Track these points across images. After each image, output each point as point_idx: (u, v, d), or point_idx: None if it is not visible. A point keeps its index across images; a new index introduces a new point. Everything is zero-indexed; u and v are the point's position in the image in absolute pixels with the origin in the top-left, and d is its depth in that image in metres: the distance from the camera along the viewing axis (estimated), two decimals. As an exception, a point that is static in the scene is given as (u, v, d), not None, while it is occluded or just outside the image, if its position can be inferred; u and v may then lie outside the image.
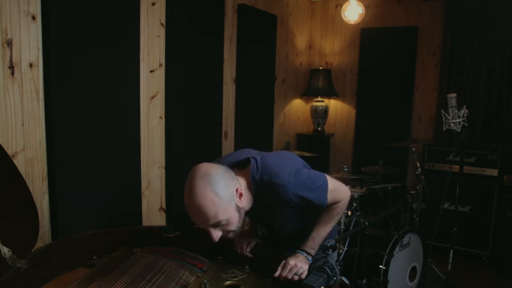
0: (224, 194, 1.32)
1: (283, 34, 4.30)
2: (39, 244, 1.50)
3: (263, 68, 3.93)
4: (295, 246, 1.53)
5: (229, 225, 1.36)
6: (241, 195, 1.38)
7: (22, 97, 1.91)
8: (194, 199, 1.30)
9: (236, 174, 1.43)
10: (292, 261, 1.37)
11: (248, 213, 1.49)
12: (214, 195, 1.30)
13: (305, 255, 1.43)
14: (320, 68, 4.70)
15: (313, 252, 1.46)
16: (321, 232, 1.51)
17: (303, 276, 1.35)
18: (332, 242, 1.34)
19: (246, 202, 1.43)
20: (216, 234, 1.35)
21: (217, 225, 1.33)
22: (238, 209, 1.37)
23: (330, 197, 1.49)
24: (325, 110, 4.71)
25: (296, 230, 1.59)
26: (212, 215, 1.30)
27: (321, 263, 1.29)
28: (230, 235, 1.39)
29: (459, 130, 2.71)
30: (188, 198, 1.33)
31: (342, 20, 4.37)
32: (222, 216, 1.32)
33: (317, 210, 1.51)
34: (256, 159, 1.45)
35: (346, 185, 1.62)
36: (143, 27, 2.52)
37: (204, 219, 1.31)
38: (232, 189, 1.36)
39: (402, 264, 2.92)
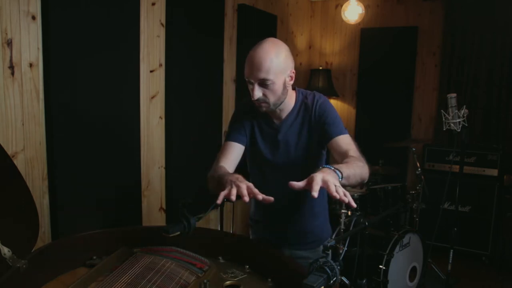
0: (282, 61, 1.49)
1: (283, 34, 4.30)
2: (39, 244, 1.49)
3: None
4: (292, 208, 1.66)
5: (271, 91, 1.50)
6: (291, 78, 1.55)
7: (22, 97, 1.91)
8: (258, 50, 1.48)
9: None
10: (318, 177, 1.14)
11: (280, 126, 1.62)
12: (275, 55, 1.47)
13: (333, 168, 1.24)
14: (320, 68, 4.70)
15: (340, 170, 1.26)
16: (348, 166, 1.34)
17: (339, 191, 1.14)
18: (332, 242, 1.34)
19: (289, 95, 1.60)
20: (258, 92, 1.49)
21: (263, 82, 1.47)
22: (285, 85, 1.53)
23: (350, 142, 1.56)
24: (325, 110, 4.70)
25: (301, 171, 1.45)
26: (265, 68, 1.45)
27: (321, 263, 1.28)
28: (264, 105, 1.53)
29: (459, 130, 2.72)
30: (252, 50, 1.50)
31: (342, 20, 4.38)
32: (271, 75, 1.46)
33: (332, 131, 1.56)
34: None
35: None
36: (143, 27, 2.53)
37: (258, 68, 1.46)
38: (289, 65, 1.53)
39: (402, 264, 2.92)
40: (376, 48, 4.55)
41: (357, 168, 1.39)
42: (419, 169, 3.41)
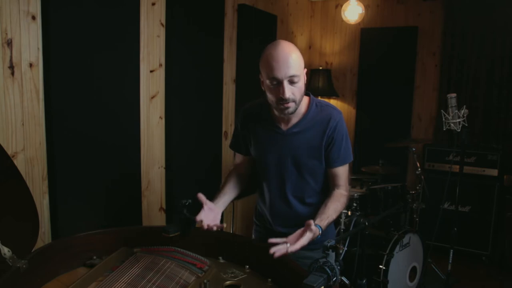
0: (301, 58, 1.51)
1: (283, 34, 4.30)
2: (39, 244, 1.50)
3: (263, 68, 3.92)
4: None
5: (298, 88, 1.50)
6: (305, 76, 1.56)
7: (22, 97, 1.91)
8: (280, 49, 1.47)
9: None
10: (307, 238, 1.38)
11: (289, 131, 1.62)
12: (296, 52, 1.50)
13: (320, 229, 1.45)
14: (320, 68, 4.70)
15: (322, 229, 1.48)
16: (328, 211, 1.54)
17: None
18: (332, 242, 1.34)
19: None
20: (288, 89, 1.48)
21: (292, 79, 1.47)
22: (303, 82, 1.53)
23: (345, 172, 1.64)
24: (325, 110, 4.70)
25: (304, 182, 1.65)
26: (293, 64, 1.46)
27: (321, 263, 1.28)
28: (292, 105, 1.51)
29: (459, 130, 2.72)
30: (273, 50, 1.48)
31: (342, 20, 4.37)
32: (299, 71, 1.49)
33: (334, 161, 1.62)
34: None
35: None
36: (143, 27, 2.53)
37: (286, 65, 1.45)
38: (303, 63, 1.54)
39: (402, 264, 2.92)
40: (376, 48, 4.55)
41: (335, 213, 1.57)
42: (419, 169, 3.41)
